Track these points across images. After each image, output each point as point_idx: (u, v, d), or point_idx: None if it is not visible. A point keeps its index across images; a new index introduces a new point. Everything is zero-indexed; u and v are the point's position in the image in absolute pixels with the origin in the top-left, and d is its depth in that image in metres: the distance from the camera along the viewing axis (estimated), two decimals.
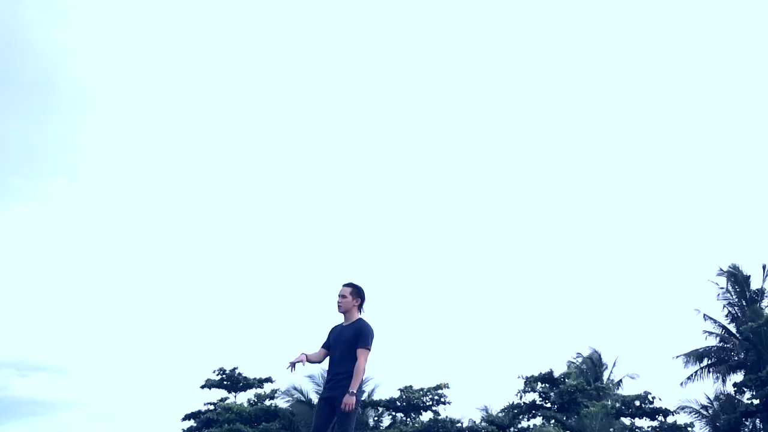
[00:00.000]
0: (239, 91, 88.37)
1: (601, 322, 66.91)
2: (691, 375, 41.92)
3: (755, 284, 41.09)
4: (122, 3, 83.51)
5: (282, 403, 43.38)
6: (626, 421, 38.12)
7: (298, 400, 42.91)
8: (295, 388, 43.24)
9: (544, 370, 41.92)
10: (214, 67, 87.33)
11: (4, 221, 79.38)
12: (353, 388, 8.09)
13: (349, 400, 8.04)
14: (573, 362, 49.04)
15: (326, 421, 8.39)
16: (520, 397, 41.44)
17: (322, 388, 8.95)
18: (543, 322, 68.13)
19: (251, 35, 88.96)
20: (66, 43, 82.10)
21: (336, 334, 8.60)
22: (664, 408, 37.69)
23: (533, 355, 66.43)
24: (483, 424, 42.01)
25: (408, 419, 42.90)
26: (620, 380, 47.00)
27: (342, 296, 8.57)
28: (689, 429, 36.36)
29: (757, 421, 37.09)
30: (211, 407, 43.80)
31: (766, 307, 37.98)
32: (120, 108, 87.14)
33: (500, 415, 41.99)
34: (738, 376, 39.74)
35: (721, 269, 41.80)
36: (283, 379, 56.82)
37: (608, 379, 47.25)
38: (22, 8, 79.45)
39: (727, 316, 42.00)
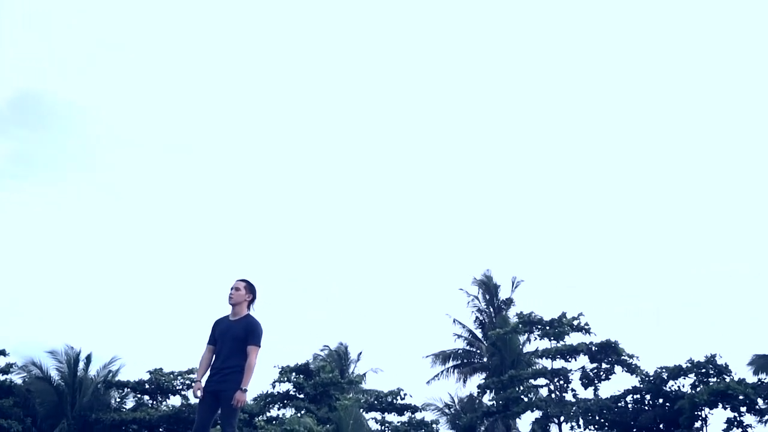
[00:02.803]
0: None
1: (352, 317, 68.56)
2: (438, 374, 44.13)
3: (504, 294, 44.05)
4: (122, 3, 75.38)
5: (17, 378, 40.10)
6: (377, 415, 39.19)
7: (37, 377, 39.81)
8: (33, 363, 40.11)
9: (301, 360, 42.23)
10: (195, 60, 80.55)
11: None
12: (245, 385, 8.13)
13: (241, 397, 8.11)
14: (319, 354, 49.86)
15: (210, 413, 8.40)
16: (274, 387, 41.34)
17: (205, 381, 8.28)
18: (296, 313, 68.63)
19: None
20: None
21: (223, 328, 8.53)
22: (413, 405, 39.20)
23: (283, 345, 66.65)
24: None
25: (154, 402, 41.37)
26: (364, 374, 48.49)
27: (236, 288, 8.55)
28: (434, 426, 38.04)
29: (490, 419, 39.62)
30: None
31: (513, 316, 40.65)
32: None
33: (251, 403, 41.69)
34: (480, 378, 42.31)
35: (474, 278, 44.41)
36: (19, 353, 52.71)
37: (353, 372, 48.58)
38: None
39: (475, 321, 44.68)
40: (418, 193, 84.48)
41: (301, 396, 40.60)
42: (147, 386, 40.51)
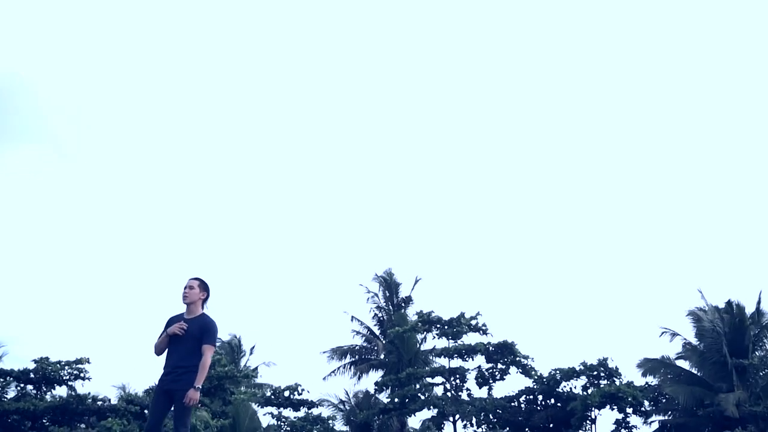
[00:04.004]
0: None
1: (246, 309, 67.60)
2: (334, 370, 44.01)
3: (405, 292, 44.32)
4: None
5: None
6: (273, 410, 38.79)
7: None
8: None
9: None
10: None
11: None
12: (198, 384, 8.10)
13: (194, 395, 8.07)
14: None
15: (163, 412, 8.37)
16: None
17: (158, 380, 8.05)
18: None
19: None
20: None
21: None
22: (309, 400, 38.96)
23: None
24: (121, 403, 40.30)
25: (39, 393, 39.69)
26: (256, 367, 47.96)
27: (189, 287, 8.50)
28: (330, 422, 37.89)
29: (386, 416, 39.82)
30: None
31: (413, 314, 40.92)
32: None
33: (141, 395, 40.64)
34: (376, 375, 42.42)
35: (376, 274, 44.52)
36: None
37: (245, 365, 47.98)
38: None
39: (374, 318, 44.79)
40: (321, 188, 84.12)
41: None
42: (32, 375, 38.80)
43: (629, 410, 34.88)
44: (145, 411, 39.64)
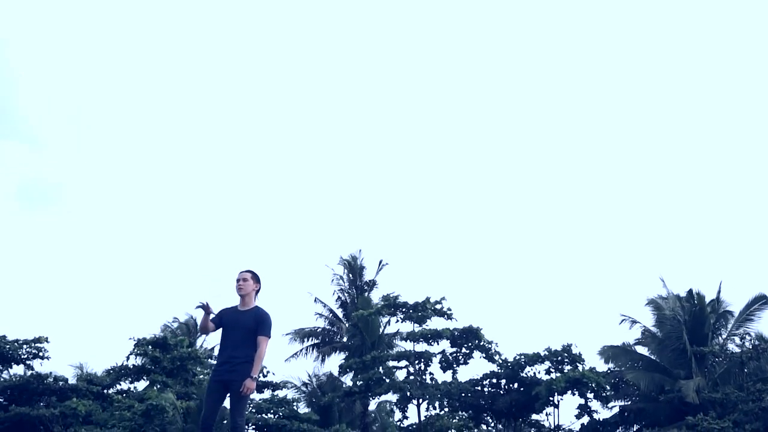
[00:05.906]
0: None
1: (204, 288, 67.08)
2: (297, 352, 44.02)
3: (369, 275, 44.43)
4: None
5: None
6: None
7: None
8: None
9: (149, 331, 41.28)
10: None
11: None
12: (254, 374, 8.32)
13: (251, 385, 8.27)
14: (169, 326, 48.61)
15: (219, 402, 8.60)
16: (128, 359, 39.91)
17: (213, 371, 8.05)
18: (145, 282, 66.45)
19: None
20: None
21: (231, 318, 8.61)
22: (274, 382, 38.88)
23: (132, 315, 64.49)
24: (81, 383, 39.80)
25: None
26: (213, 347, 47.75)
27: (243, 279, 8.62)
28: (296, 405, 37.89)
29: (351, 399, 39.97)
30: None
31: (378, 298, 41.07)
32: None
33: (101, 375, 40.19)
34: (339, 358, 42.55)
35: (341, 257, 44.52)
36: None
37: (202, 345, 47.71)
38: None
39: (337, 300, 44.82)
40: (289, 168, 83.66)
41: (157, 370, 39.43)
42: None
43: (590, 395, 35.52)
44: (105, 391, 39.21)
